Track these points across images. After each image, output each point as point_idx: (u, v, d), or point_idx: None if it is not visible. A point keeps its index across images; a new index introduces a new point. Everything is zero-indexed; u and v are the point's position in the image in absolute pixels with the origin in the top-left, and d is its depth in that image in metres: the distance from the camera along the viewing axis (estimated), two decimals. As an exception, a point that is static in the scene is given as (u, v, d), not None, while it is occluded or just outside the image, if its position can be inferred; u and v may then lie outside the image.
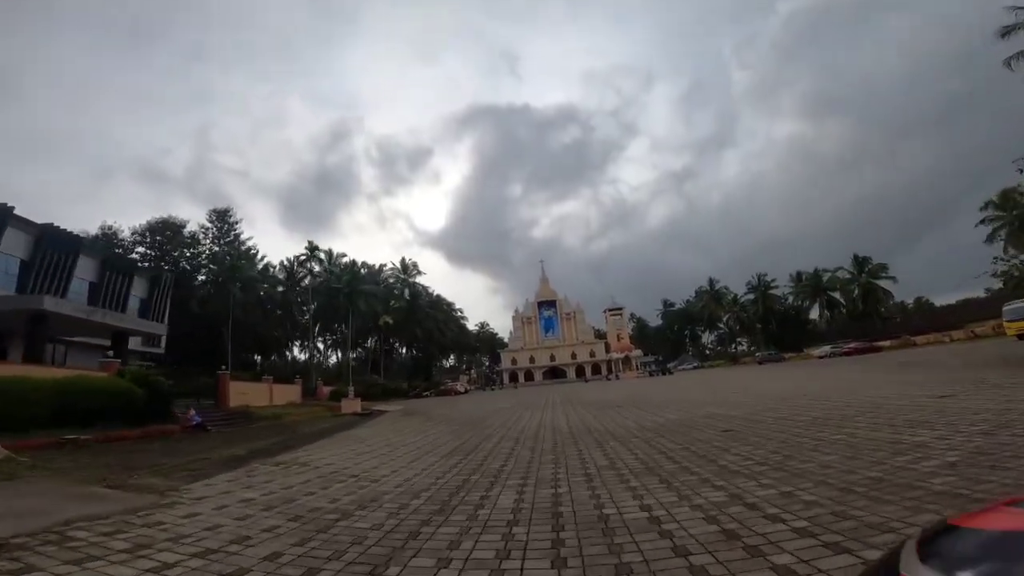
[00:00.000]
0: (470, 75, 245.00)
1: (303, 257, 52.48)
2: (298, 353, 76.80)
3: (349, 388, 28.93)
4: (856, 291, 63.24)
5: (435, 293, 78.37)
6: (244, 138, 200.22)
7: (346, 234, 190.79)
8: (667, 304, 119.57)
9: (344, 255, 59.45)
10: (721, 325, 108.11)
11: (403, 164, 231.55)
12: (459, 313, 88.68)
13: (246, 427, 15.98)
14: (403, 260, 69.56)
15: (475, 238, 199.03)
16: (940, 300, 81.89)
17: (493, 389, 66.62)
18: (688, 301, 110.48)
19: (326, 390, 30.02)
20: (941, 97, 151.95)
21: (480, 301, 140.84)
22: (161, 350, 27.30)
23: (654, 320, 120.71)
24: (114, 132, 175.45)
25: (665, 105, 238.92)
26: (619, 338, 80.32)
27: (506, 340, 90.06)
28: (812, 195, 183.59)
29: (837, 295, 67.75)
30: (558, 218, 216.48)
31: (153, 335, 26.97)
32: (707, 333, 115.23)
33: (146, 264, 45.03)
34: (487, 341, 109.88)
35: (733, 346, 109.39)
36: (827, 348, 52.07)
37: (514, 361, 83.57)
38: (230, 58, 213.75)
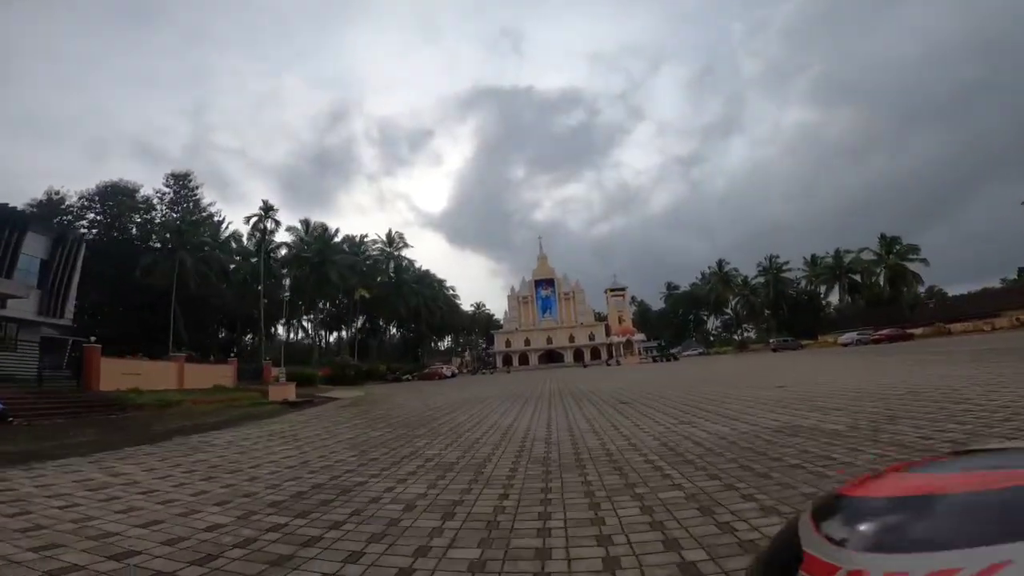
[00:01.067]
0: (473, 54, 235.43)
1: (255, 218, 46.34)
2: (286, 333, 72.37)
3: (280, 372, 24.13)
4: (882, 273, 58.06)
5: (422, 268, 73.31)
6: (241, 118, 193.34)
7: (346, 215, 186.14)
8: (671, 287, 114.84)
9: (323, 225, 53.90)
10: (728, 310, 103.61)
11: (404, 145, 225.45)
12: (451, 291, 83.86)
13: (93, 418, 11.18)
14: (389, 232, 64.40)
15: (476, 220, 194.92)
16: (950, 291, 77.17)
17: (484, 373, 62.10)
18: (694, 284, 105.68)
19: (276, 372, 25.28)
20: (955, 83, 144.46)
21: (481, 283, 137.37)
22: (67, 321, 22.47)
23: (656, 304, 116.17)
24: (109, 110, 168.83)
25: (672, 89, 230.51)
26: (621, 320, 75.53)
27: (502, 322, 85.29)
28: (817, 181, 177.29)
29: (858, 278, 62.55)
30: (560, 201, 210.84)
31: (55, 304, 22.09)
32: (712, 318, 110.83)
33: (94, 231, 40.06)
34: (483, 323, 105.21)
35: (738, 332, 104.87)
36: (853, 335, 47.17)
37: (508, 343, 78.91)
38: (226, 36, 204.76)
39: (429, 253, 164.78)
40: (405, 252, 65.08)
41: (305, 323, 74.85)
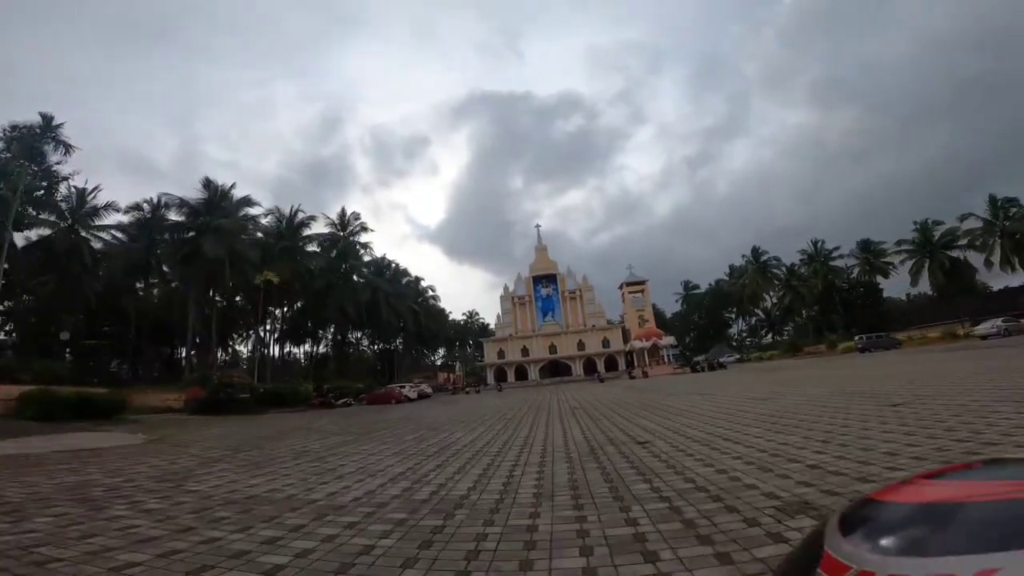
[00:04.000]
0: (468, 59, 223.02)
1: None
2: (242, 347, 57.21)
3: None
4: (997, 244, 43.14)
5: (393, 263, 58.25)
6: (232, 129, 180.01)
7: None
8: (688, 287, 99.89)
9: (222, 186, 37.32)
10: (758, 310, 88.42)
11: (399, 154, 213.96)
12: (430, 293, 68.76)
13: None
14: (342, 211, 49.50)
15: (474, 232, 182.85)
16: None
17: (468, 392, 46.79)
18: (720, 280, 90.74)
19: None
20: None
21: (480, 298, 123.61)
22: None
23: (667, 308, 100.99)
24: (97, 121, 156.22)
25: (672, 94, 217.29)
26: (642, 322, 60.33)
27: (494, 328, 69.89)
28: (821, 182, 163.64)
29: (958, 255, 47.47)
30: (561, 210, 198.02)
31: None
32: (739, 320, 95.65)
33: None
34: (477, 334, 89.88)
35: (770, 334, 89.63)
36: (997, 323, 32.35)
37: (501, 354, 63.47)
38: (213, 45, 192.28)
39: (426, 267, 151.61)
40: (364, 239, 49.90)
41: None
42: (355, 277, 45.54)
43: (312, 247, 44.87)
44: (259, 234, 39.56)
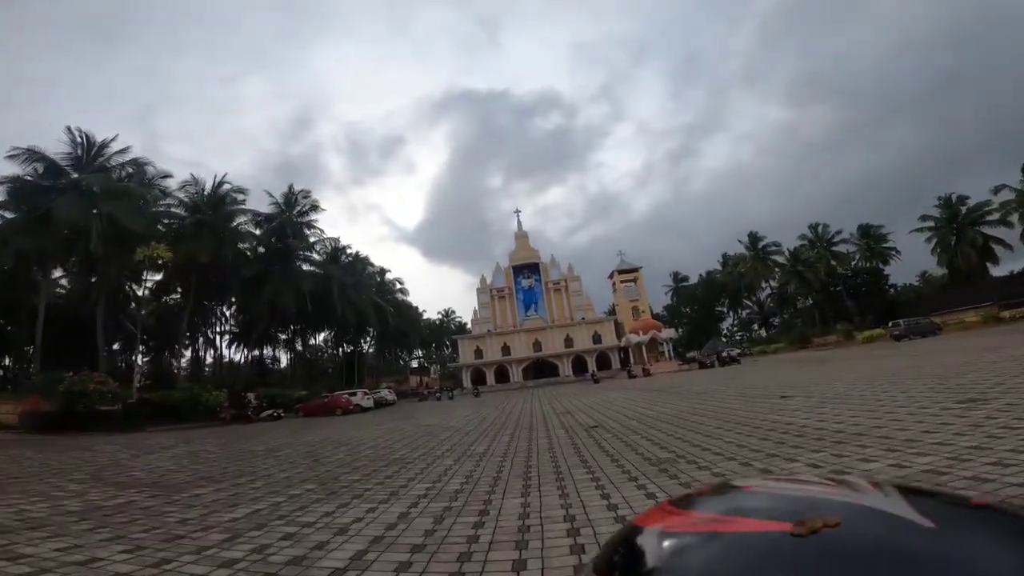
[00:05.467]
0: (445, 51, 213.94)
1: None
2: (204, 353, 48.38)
3: None
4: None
5: (349, 248, 50.18)
6: (196, 126, 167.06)
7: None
8: (678, 278, 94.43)
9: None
10: (749, 302, 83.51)
11: (374, 153, 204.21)
12: (398, 286, 61.13)
13: None
14: (289, 189, 41.48)
15: (453, 233, 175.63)
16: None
17: (439, 398, 39.58)
18: (711, 272, 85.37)
19: None
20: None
21: (460, 301, 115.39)
22: None
23: (652, 305, 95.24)
24: (48, 115, 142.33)
25: (651, 90, 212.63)
26: (637, 313, 53.94)
27: (470, 325, 62.61)
28: (796, 179, 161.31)
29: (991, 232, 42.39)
30: (540, 209, 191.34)
31: None
32: (731, 313, 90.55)
33: None
34: (456, 334, 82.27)
35: (760, 327, 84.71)
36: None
37: (479, 353, 56.26)
38: (176, 37, 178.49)
39: (404, 269, 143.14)
40: (313, 218, 41.94)
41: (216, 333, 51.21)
42: (301, 264, 37.61)
43: (248, 226, 36.95)
44: (165, 206, 31.62)
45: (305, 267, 39.34)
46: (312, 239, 38.73)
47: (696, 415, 9.64)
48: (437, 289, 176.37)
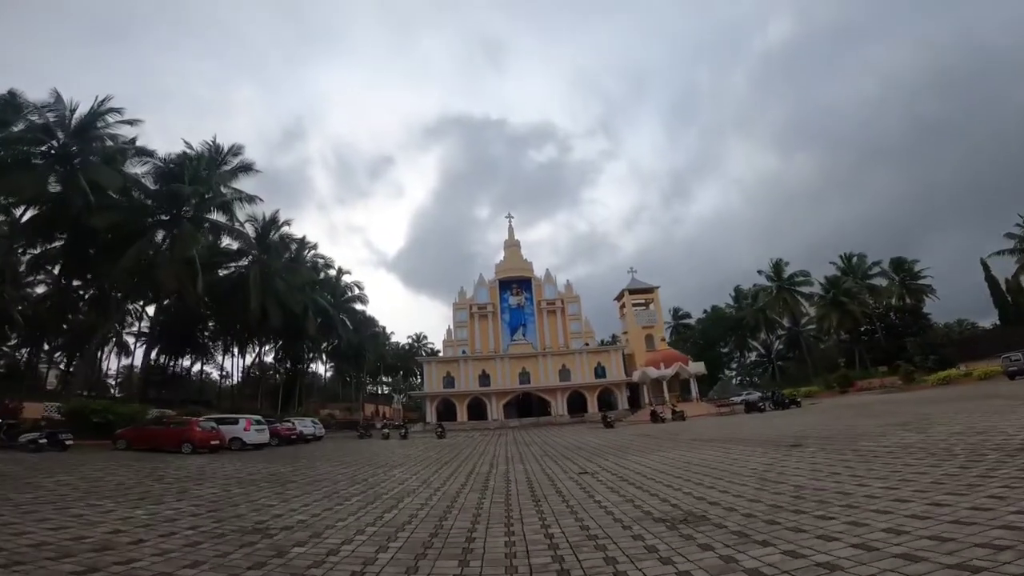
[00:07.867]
0: (444, 74, 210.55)
1: None
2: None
3: None
4: None
5: (283, 223, 38.32)
6: (180, 122, 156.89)
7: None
8: (678, 315, 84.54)
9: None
10: (755, 341, 73.98)
11: (362, 173, 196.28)
12: (356, 291, 49.76)
13: None
14: (213, 137, 30.97)
15: (435, 262, 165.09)
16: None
17: (387, 434, 28.07)
18: (720, 307, 76.02)
19: None
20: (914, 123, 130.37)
21: (437, 328, 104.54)
22: None
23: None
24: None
25: (643, 132, 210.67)
26: (653, 342, 43.37)
27: (440, 348, 51.16)
28: (778, 225, 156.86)
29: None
30: (527, 245, 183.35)
31: None
32: (738, 354, 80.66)
33: None
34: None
35: (768, 370, 74.68)
36: None
37: (450, 380, 44.66)
38: (161, 39, 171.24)
39: (381, 294, 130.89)
40: (242, 186, 31.04)
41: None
42: (203, 227, 26.13)
43: (140, 167, 26.03)
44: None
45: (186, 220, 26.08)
46: (230, 197, 27.48)
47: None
48: (416, 320, 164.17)
